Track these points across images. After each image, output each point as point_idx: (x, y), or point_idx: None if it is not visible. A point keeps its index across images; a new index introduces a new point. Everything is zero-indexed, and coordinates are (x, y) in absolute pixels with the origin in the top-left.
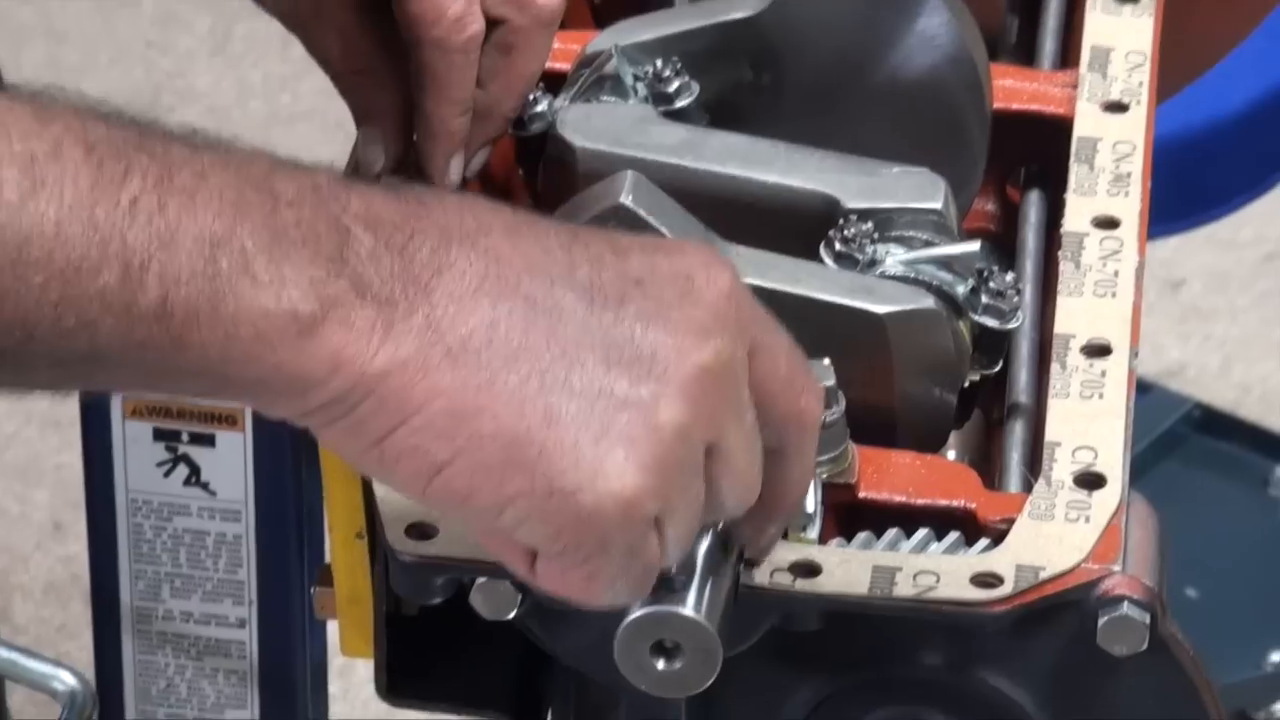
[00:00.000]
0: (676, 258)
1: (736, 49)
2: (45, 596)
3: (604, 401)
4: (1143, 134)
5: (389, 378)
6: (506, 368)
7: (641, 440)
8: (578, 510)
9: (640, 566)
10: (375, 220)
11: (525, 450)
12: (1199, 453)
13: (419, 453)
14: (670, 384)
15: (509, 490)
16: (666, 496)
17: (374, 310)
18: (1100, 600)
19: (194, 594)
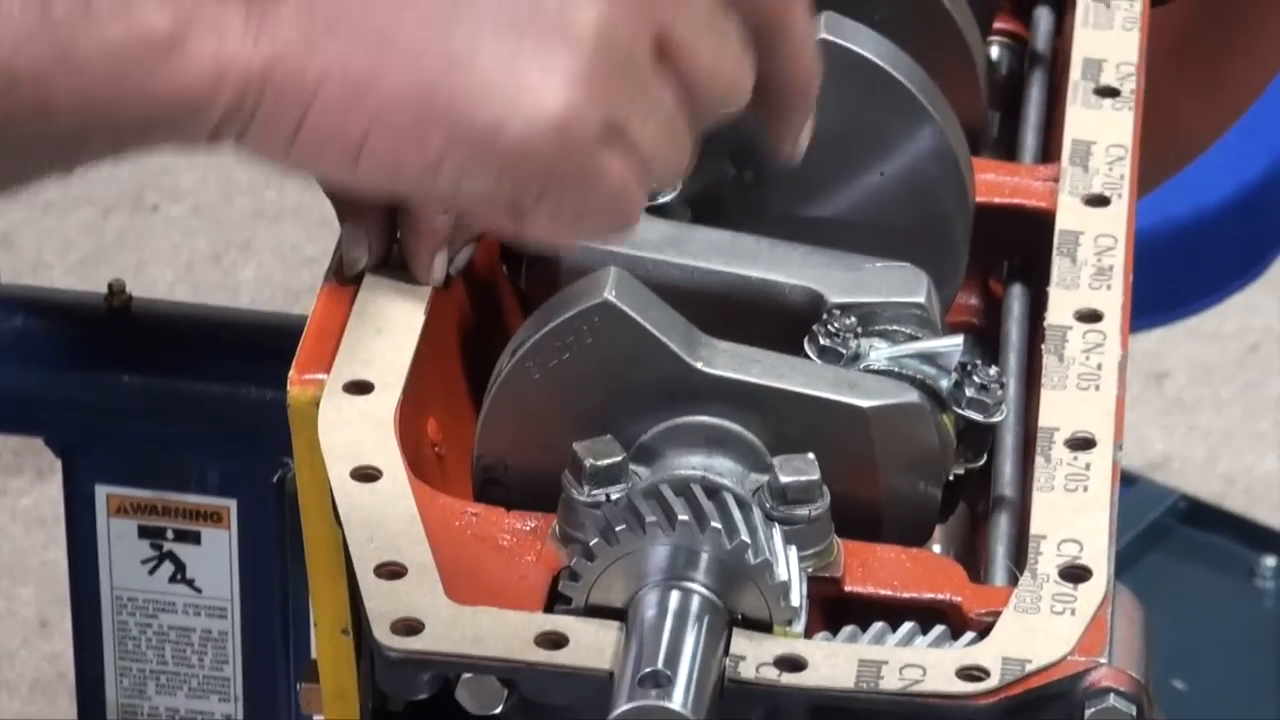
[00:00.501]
0: None
1: (718, 144)
2: (32, 693)
3: (507, 25)
4: (1124, 227)
5: (276, 70)
6: (394, 22)
7: (557, 55)
8: (508, 146)
9: (609, 190)
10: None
11: (435, 100)
12: (1185, 545)
13: (334, 136)
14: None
15: (434, 147)
16: (606, 109)
17: (241, 6)
18: (1086, 692)
19: (180, 690)
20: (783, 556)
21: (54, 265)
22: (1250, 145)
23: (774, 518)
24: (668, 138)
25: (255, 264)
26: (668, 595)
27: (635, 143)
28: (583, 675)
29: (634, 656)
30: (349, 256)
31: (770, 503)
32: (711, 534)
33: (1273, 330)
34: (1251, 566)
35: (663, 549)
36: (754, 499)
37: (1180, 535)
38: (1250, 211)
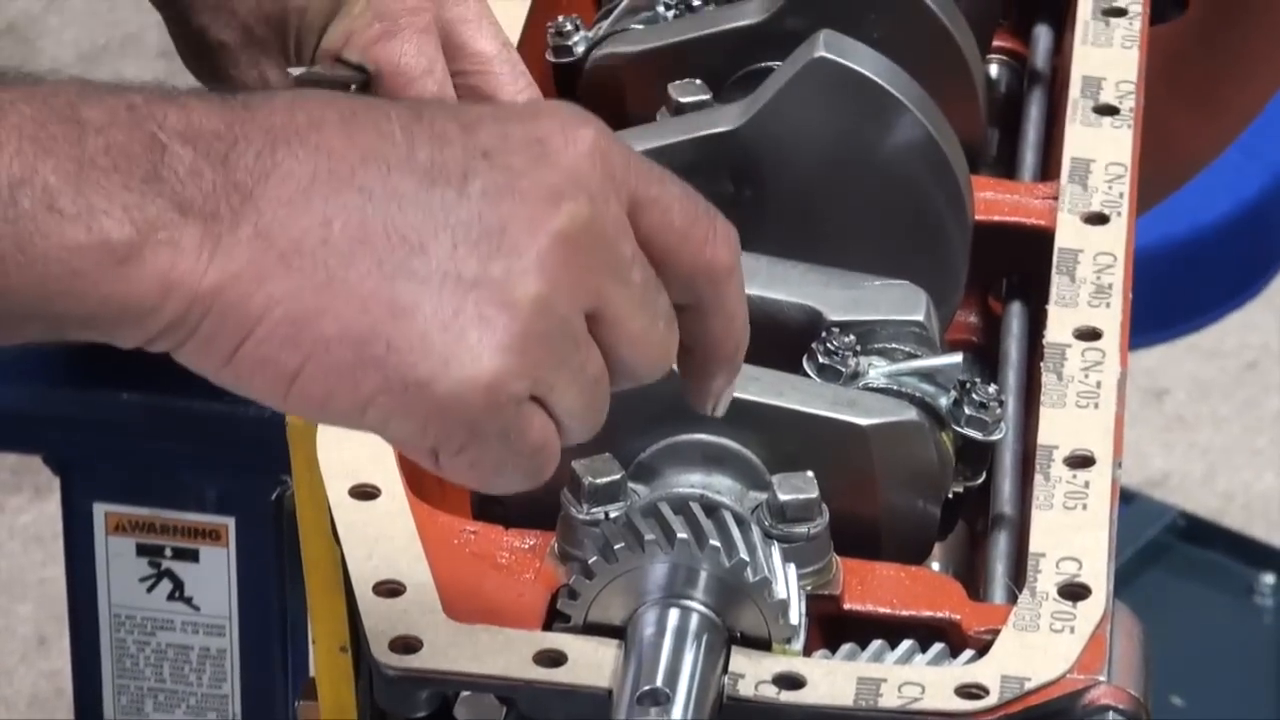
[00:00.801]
0: (530, 123)
1: (717, 162)
2: (30, 710)
3: (452, 285)
4: (1124, 245)
5: (224, 293)
6: (345, 265)
7: (495, 320)
8: (435, 401)
9: (528, 448)
10: (195, 133)
11: (373, 347)
12: (1183, 562)
13: (269, 363)
14: (522, 257)
15: (365, 390)
16: (536, 374)
17: (199, 227)
18: (1086, 710)
19: (178, 708)
20: (781, 574)
21: None
22: (1249, 163)
23: (773, 536)
24: (588, 402)
25: None
26: (666, 613)
27: (558, 406)
28: (581, 693)
29: (633, 674)
30: None
31: (769, 521)
32: (710, 552)
33: (1271, 347)
34: (1250, 583)
35: (661, 567)
36: (753, 517)
37: (1179, 552)
38: (1249, 229)
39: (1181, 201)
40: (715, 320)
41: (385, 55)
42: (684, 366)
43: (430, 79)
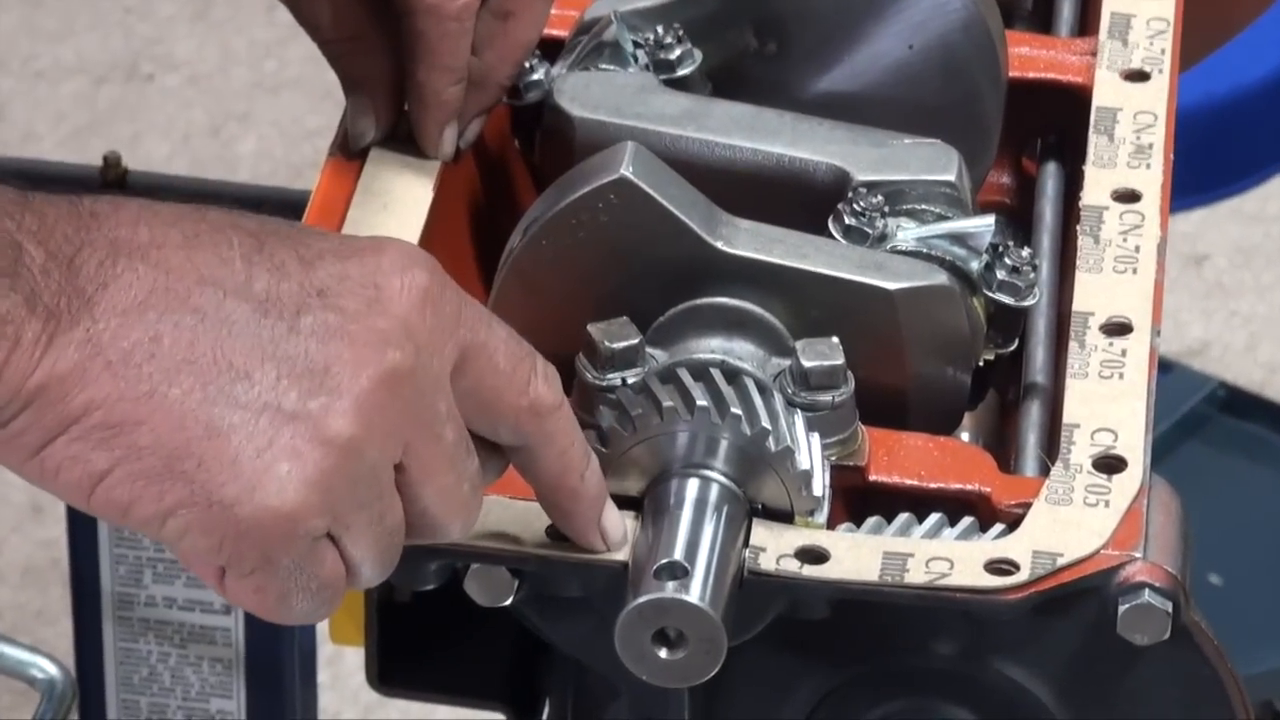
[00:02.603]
0: (370, 262)
1: (740, 14)
2: (23, 581)
3: (270, 414)
4: (1165, 104)
5: (46, 391)
6: (168, 380)
7: (307, 455)
8: (236, 523)
9: (315, 584)
10: (48, 234)
11: (184, 462)
12: (1223, 434)
13: (78, 462)
14: (342, 397)
15: (169, 501)
16: (336, 513)
17: (40, 324)
18: (1120, 588)
19: (177, 579)
20: (805, 444)
21: (45, 137)
22: None
23: (796, 404)
24: (382, 550)
25: (255, 137)
26: (685, 484)
27: (351, 548)
28: (596, 567)
29: (650, 547)
30: (355, 129)
31: (792, 388)
32: (731, 420)
33: None
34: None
35: (680, 435)
36: (775, 384)
37: (1219, 424)
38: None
39: (1226, 58)
40: (547, 456)
41: None
42: (546, 509)
43: None
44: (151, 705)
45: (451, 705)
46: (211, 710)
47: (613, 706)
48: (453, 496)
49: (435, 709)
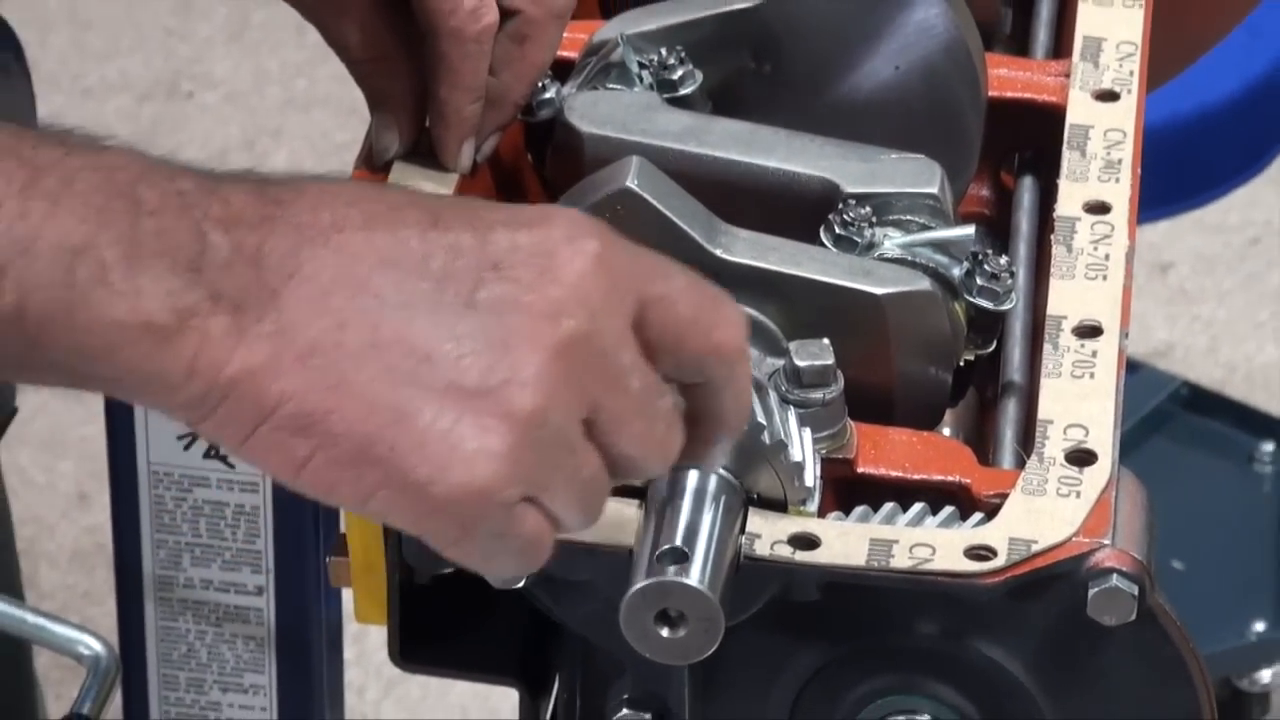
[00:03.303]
0: (541, 232)
1: (739, 38)
2: (71, 564)
3: (454, 394)
4: (1133, 122)
5: (242, 383)
6: (356, 367)
7: (492, 429)
8: (432, 501)
9: (518, 543)
10: (234, 223)
11: (376, 447)
12: (1186, 430)
13: (280, 449)
14: (522, 370)
15: (367, 484)
16: (529, 479)
17: (228, 318)
18: (1090, 572)
19: (213, 563)
20: (797, 438)
21: None
22: (1255, 43)
23: (789, 401)
24: (583, 501)
25: (287, 151)
26: (686, 475)
27: (551, 504)
28: (602, 551)
29: (653, 534)
30: (379, 144)
31: (786, 386)
32: None
33: (1273, 224)
34: (1250, 452)
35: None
36: (770, 382)
37: (1182, 421)
38: (1254, 108)
39: (1189, 80)
40: (726, 397)
41: None
42: (692, 440)
43: None
44: (189, 680)
45: (467, 680)
46: (245, 684)
47: (618, 682)
48: (648, 439)
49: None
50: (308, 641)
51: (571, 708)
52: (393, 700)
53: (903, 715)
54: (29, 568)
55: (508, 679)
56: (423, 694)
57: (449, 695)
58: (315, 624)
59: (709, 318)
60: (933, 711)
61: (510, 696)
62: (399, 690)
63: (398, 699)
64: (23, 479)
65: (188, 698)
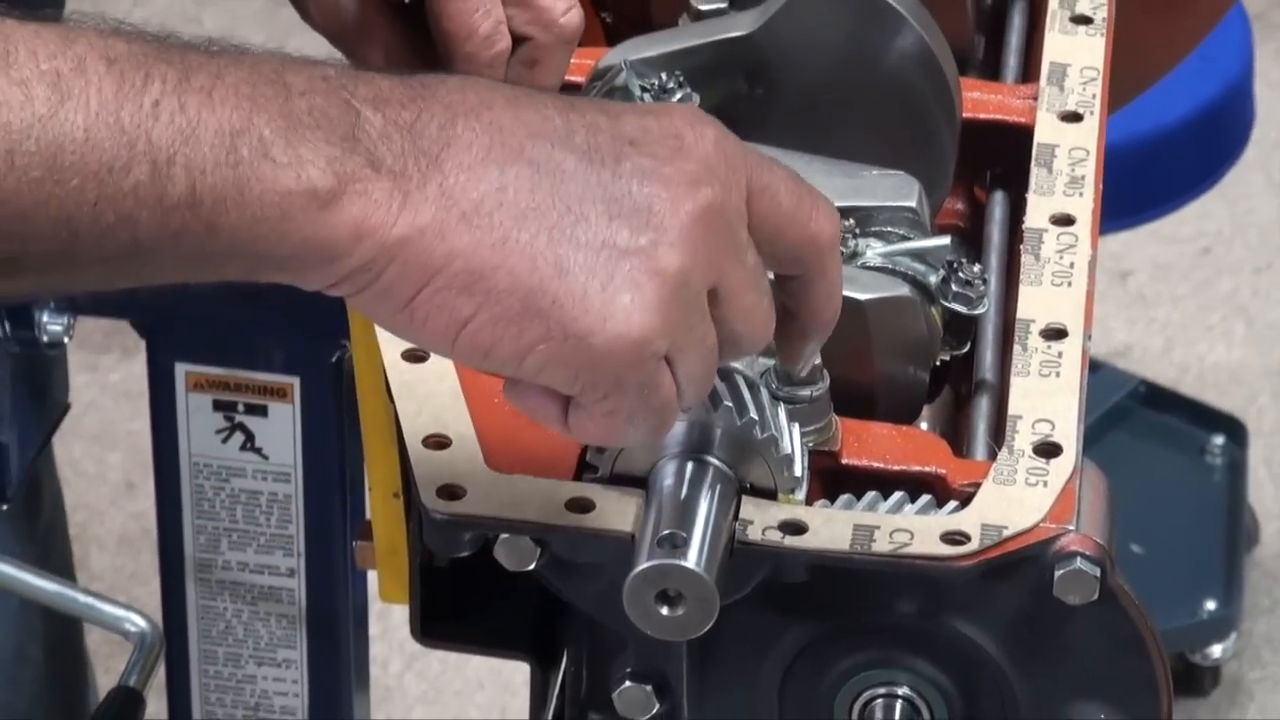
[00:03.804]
0: (665, 119)
1: (733, 64)
2: (119, 548)
3: (608, 252)
4: (1095, 141)
5: (410, 243)
6: (518, 227)
7: (645, 284)
8: (591, 351)
9: (657, 402)
10: (383, 102)
11: (540, 300)
12: (1143, 425)
13: (444, 310)
14: (667, 232)
15: (528, 338)
16: (673, 335)
17: (390, 182)
18: (1056, 556)
19: (249, 546)
20: (787, 432)
21: None
22: (1207, 69)
23: (779, 398)
24: (705, 369)
25: None
26: (684, 466)
27: (680, 369)
28: (607, 537)
29: (653, 520)
30: None
31: (776, 384)
32: (724, 411)
33: (1224, 234)
34: (1202, 444)
35: (680, 425)
36: (762, 381)
37: (1140, 416)
38: (1206, 129)
39: (1147, 102)
40: (819, 287)
41: None
42: (782, 331)
43: None
44: (227, 654)
45: (483, 655)
46: (278, 658)
47: (621, 656)
48: (756, 312)
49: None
50: (336, 619)
51: (578, 680)
52: (414, 673)
53: (883, 688)
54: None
55: (520, 654)
56: (442, 667)
57: (466, 669)
58: (343, 603)
59: (807, 210)
60: (911, 684)
61: (522, 670)
62: (420, 664)
63: (418, 672)
64: (75, 469)
65: (225, 671)
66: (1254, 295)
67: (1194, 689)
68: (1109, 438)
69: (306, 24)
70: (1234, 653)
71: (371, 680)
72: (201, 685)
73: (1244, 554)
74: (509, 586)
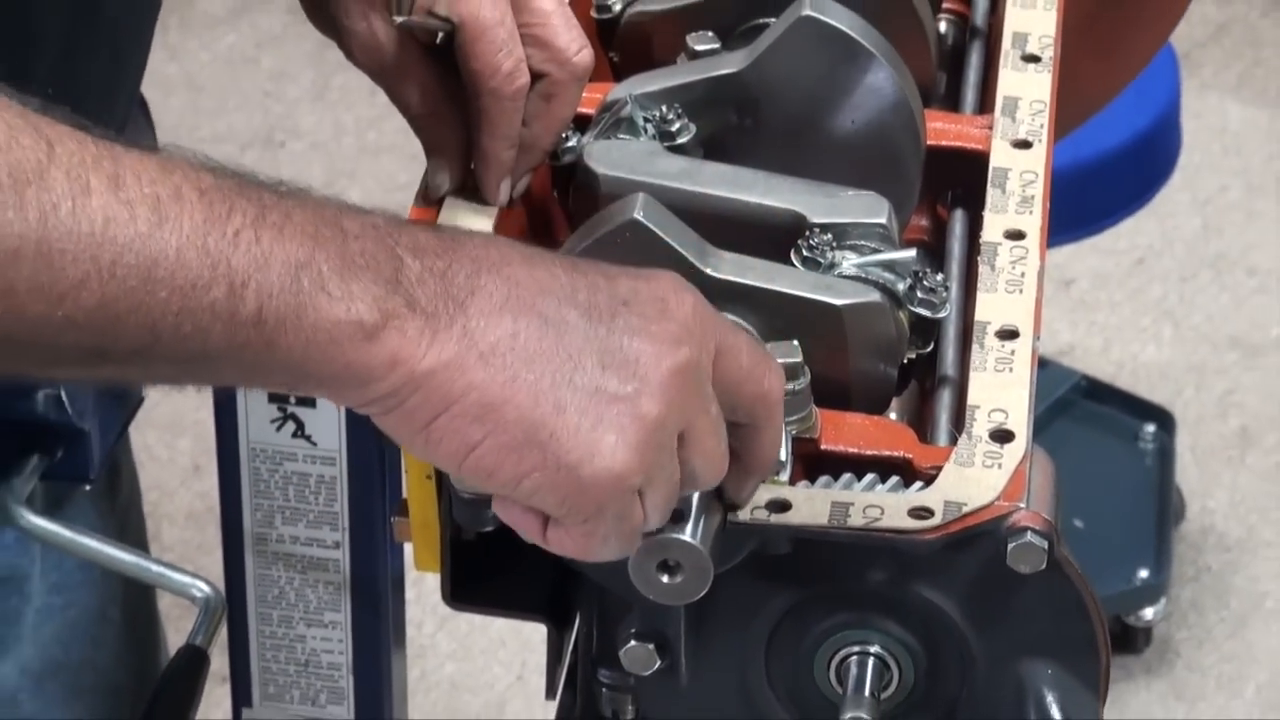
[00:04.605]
0: (654, 283)
1: (725, 98)
2: (187, 523)
3: (599, 396)
4: (1043, 165)
5: (434, 375)
6: (526, 368)
7: (628, 427)
8: (580, 481)
9: (628, 528)
10: (422, 251)
11: (539, 433)
12: (1085, 414)
13: (457, 435)
14: (650, 383)
15: (526, 465)
16: (647, 471)
17: (422, 321)
18: (1009, 530)
19: (300, 522)
20: None
21: None
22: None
23: None
24: (668, 500)
25: (360, 190)
26: None
27: (649, 500)
28: None
29: None
30: (433, 183)
31: None
32: None
33: (1154, 248)
34: (1136, 432)
35: None
36: None
37: (1081, 407)
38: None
39: (1088, 131)
40: (766, 435)
41: (466, 9)
42: (731, 469)
43: (501, 29)
44: (280, 617)
45: (506, 617)
46: (325, 620)
47: (627, 619)
48: (715, 454)
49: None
50: (376, 586)
51: (589, 639)
52: (445, 633)
53: (857, 646)
54: (153, 526)
55: (538, 616)
56: (469, 628)
57: (490, 629)
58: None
59: (762, 370)
60: (882, 643)
61: (540, 630)
62: (450, 625)
63: (449, 632)
64: (149, 454)
65: (279, 631)
66: (1180, 301)
67: (1129, 647)
68: (1055, 426)
69: (351, 64)
70: (1164, 615)
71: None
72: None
73: (1172, 528)
74: (528, 557)
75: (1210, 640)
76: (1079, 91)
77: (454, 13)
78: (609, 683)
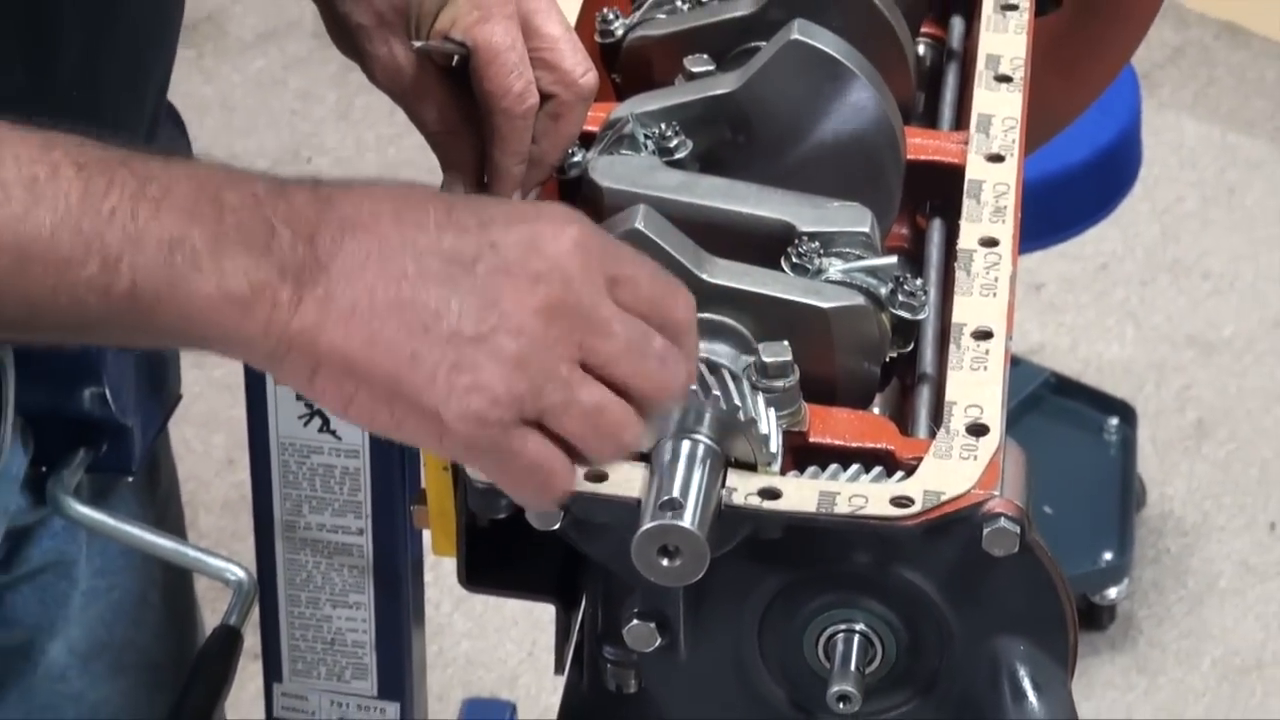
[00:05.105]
0: (531, 223)
1: (720, 116)
2: (222, 511)
3: (455, 340)
4: (1015, 178)
5: (301, 336)
6: (382, 324)
7: (483, 365)
8: (442, 424)
9: (524, 464)
10: (295, 218)
11: (401, 385)
12: (1054, 409)
13: (333, 389)
14: (510, 318)
15: (397, 414)
16: (520, 406)
17: (292, 287)
18: (984, 516)
19: (326, 510)
20: (765, 416)
21: None
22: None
23: (758, 388)
24: (590, 426)
25: None
26: (680, 443)
27: (556, 427)
28: (618, 502)
29: (656, 488)
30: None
31: (755, 377)
32: (713, 399)
33: (1117, 254)
34: (1100, 425)
35: (677, 410)
36: (744, 374)
37: (1050, 402)
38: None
39: (1056, 146)
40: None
41: (480, 34)
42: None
43: (513, 53)
44: (308, 598)
45: (518, 598)
46: (350, 601)
47: (630, 599)
48: (643, 373)
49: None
50: (397, 569)
51: (595, 618)
52: (461, 613)
53: (843, 624)
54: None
55: (548, 597)
56: (484, 608)
57: (504, 610)
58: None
59: (667, 298)
60: (866, 621)
61: (550, 610)
62: (466, 605)
63: (465, 612)
64: (186, 448)
65: (307, 612)
66: (1141, 303)
67: (1095, 624)
68: (1026, 420)
69: (372, 85)
70: (1126, 594)
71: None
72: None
73: (1134, 514)
74: (538, 543)
75: (1170, 618)
76: (1048, 109)
77: (469, 38)
78: (613, 659)
